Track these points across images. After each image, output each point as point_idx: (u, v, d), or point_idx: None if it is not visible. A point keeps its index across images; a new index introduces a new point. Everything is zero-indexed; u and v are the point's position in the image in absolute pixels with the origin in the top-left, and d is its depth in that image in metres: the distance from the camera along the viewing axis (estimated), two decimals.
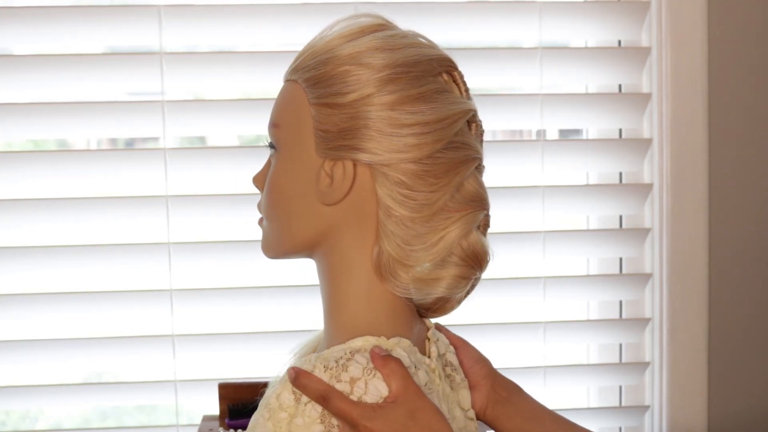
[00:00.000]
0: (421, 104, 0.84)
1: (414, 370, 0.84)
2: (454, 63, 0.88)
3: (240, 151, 1.40)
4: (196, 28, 1.38)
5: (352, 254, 0.86)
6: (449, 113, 0.85)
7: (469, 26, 1.42)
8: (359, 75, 0.84)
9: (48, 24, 1.35)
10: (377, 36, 0.86)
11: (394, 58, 0.84)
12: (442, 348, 0.94)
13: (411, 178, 0.84)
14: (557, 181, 1.47)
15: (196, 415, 1.44)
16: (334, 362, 0.81)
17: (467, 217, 0.87)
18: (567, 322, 1.49)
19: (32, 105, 1.37)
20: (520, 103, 1.45)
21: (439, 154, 0.84)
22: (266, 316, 1.44)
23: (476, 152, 0.87)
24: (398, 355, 0.83)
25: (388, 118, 0.83)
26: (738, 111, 1.46)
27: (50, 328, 1.44)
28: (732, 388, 1.50)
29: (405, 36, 0.88)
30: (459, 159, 0.85)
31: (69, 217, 1.38)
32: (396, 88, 0.83)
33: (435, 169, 0.84)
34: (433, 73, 0.86)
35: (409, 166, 0.84)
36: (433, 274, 0.85)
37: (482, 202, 0.88)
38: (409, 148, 0.83)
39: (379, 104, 0.83)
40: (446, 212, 0.85)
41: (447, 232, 0.86)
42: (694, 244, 1.45)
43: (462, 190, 0.86)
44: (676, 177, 1.45)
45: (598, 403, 1.55)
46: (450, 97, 0.86)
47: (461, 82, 0.88)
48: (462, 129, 0.86)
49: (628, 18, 1.45)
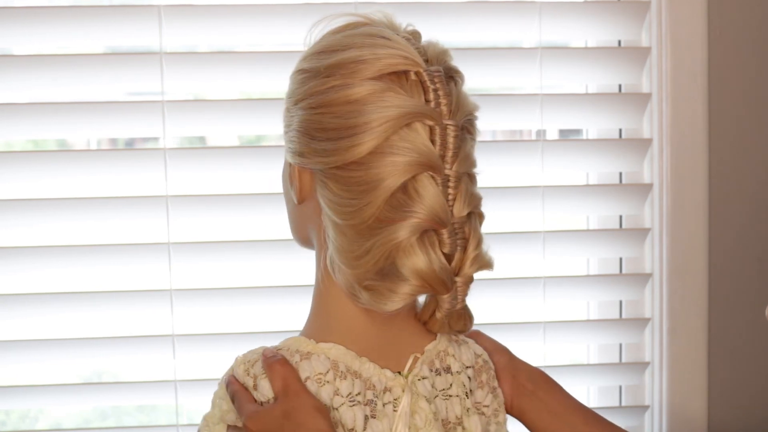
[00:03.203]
0: (350, 107, 0.80)
1: (330, 378, 0.84)
2: (416, 62, 0.82)
3: (240, 151, 1.40)
4: (196, 28, 1.38)
5: (319, 255, 0.89)
6: (375, 117, 0.80)
7: (469, 26, 1.42)
8: (300, 78, 0.86)
9: (48, 24, 1.35)
10: (327, 38, 0.86)
11: (330, 61, 0.83)
12: (455, 366, 0.90)
13: (337, 185, 0.82)
14: (557, 181, 1.47)
15: (196, 415, 1.44)
16: (250, 359, 0.87)
17: (391, 229, 0.80)
18: (567, 322, 1.49)
19: (32, 105, 1.37)
20: (520, 103, 1.45)
21: (364, 160, 0.80)
22: (266, 316, 1.44)
23: (416, 158, 0.80)
24: (318, 361, 0.85)
25: (315, 122, 0.83)
26: (738, 111, 1.46)
27: (50, 328, 1.44)
28: (732, 388, 1.50)
29: (361, 35, 0.84)
30: (385, 165, 0.80)
31: (69, 217, 1.38)
32: (325, 90, 0.82)
33: (360, 174, 0.81)
34: (374, 74, 0.81)
35: (335, 171, 0.82)
36: (385, 287, 0.81)
37: (414, 213, 0.80)
38: (331, 152, 0.81)
39: (308, 108, 0.83)
40: (381, 222, 0.81)
41: (374, 243, 0.81)
42: (694, 244, 1.46)
43: (400, 199, 0.81)
44: (676, 177, 1.45)
45: (598, 403, 1.55)
46: (390, 99, 0.80)
47: (429, 82, 0.82)
48: (402, 134, 0.80)
49: (628, 18, 1.45)
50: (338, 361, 0.85)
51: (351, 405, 0.84)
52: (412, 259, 0.80)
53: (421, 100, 0.82)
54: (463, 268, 0.85)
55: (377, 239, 0.80)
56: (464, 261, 0.85)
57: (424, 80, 0.82)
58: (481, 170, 0.89)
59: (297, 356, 0.86)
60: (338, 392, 0.85)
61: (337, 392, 0.85)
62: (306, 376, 0.85)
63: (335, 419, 0.84)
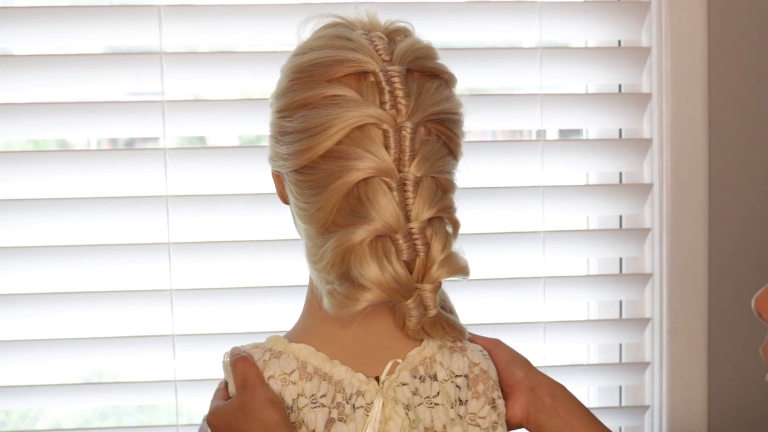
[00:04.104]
0: (305, 111, 0.80)
1: (295, 378, 0.85)
2: (370, 62, 0.80)
3: (240, 151, 1.40)
4: (196, 28, 1.38)
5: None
6: (325, 120, 0.79)
7: (469, 26, 1.42)
8: (277, 80, 0.87)
9: (48, 24, 1.35)
10: (306, 40, 0.87)
11: (295, 63, 0.84)
12: (441, 374, 0.88)
13: (295, 188, 0.83)
14: (557, 181, 1.47)
15: (196, 415, 1.44)
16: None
17: (343, 233, 0.79)
18: (567, 322, 1.49)
19: (32, 105, 1.37)
20: (520, 103, 1.44)
21: (316, 164, 0.80)
22: (266, 316, 1.44)
23: (365, 162, 0.79)
24: (286, 361, 0.86)
25: (278, 126, 0.84)
26: (738, 111, 1.46)
27: (50, 328, 1.44)
28: (732, 388, 1.50)
29: (325, 37, 0.84)
30: (335, 169, 0.79)
31: (69, 217, 1.38)
32: (286, 93, 0.83)
33: (312, 179, 0.81)
34: (331, 77, 0.80)
35: (294, 175, 0.83)
36: (343, 293, 0.81)
37: (364, 218, 0.79)
38: (288, 156, 0.82)
39: (275, 111, 0.85)
40: (336, 226, 0.81)
41: (329, 246, 0.80)
42: (694, 244, 1.45)
43: (352, 203, 0.80)
44: (676, 177, 1.45)
45: (598, 403, 1.55)
46: (341, 103, 0.79)
47: (385, 83, 0.80)
48: (354, 137, 0.79)
49: (628, 18, 1.45)
50: (307, 362, 0.86)
51: (313, 407, 0.85)
52: (364, 267, 0.79)
53: (375, 103, 0.80)
54: (427, 274, 0.82)
55: (330, 243, 0.80)
56: (428, 267, 0.82)
57: (380, 81, 0.80)
58: (480, 170, 0.87)
59: (267, 354, 0.88)
60: (302, 393, 0.85)
61: (301, 393, 0.85)
62: (270, 374, 0.86)
63: (299, 419, 0.85)
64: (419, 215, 0.80)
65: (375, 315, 0.85)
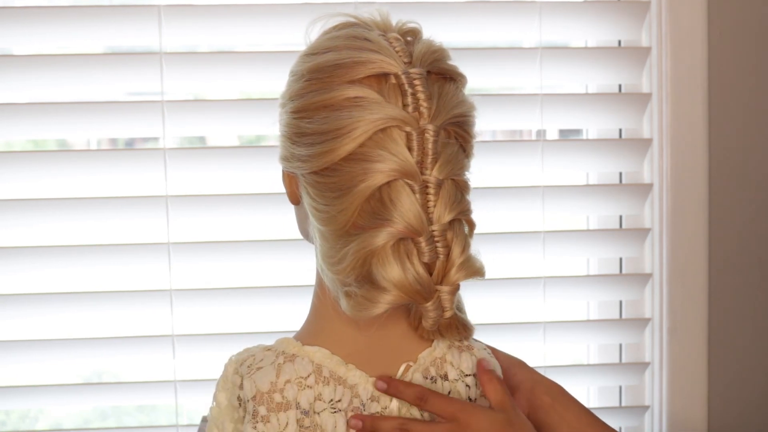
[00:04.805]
0: (326, 112, 0.79)
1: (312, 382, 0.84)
2: (393, 65, 0.80)
3: (240, 151, 1.40)
4: (196, 28, 1.38)
5: (316, 256, 0.88)
6: (348, 123, 0.78)
7: (469, 26, 1.42)
8: (288, 81, 0.86)
9: (48, 24, 1.35)
10: (317, 39, 0.86)
11: (313, 64, 0.82)
12: (452, 374, 0.88)
13: (314, 190, 0.82)
14: (557, 181, 1.47)
15: (196, 415, 1.44)
16: (240, 358, 0.88)
17: (366, 236, 0.79)
18: (567, 322, 1.49)
19: (32, 105, 1.37)
20: (520, 103, 1.45)
21: (338, 166, 0.79)
22: (266, 316, 1.44)
23: (389, 165, 0.78)
24: (301, 365, 0.85)
25: (295, 126, 0.83)
26: (738, 111, 1.46)
27: (50, 328, 1.44)
28: (732, 388, 1.50)
29: (343, 38, 0.83)
30: (358, 172, 0.79)
31: (69, 217, 1.38)
32: (304, 94, 0.82)
33: (334, 181, 0.80)
34: (352, 78, 0.80)
35: (312, 177, 0.82)
36: (363, 295, 0.80)
37: (388, 221, 0.78)
38: (307, 158, 0.81)
39: (291, 112, 0.83)
40: (357, 228, 0.80)
41: (349, 249, 0.79)
42: (694, 244, 1.45)
43: (375, 206, 0.79)
44: (676, 177, 1.45)
45: (598, 403, 1.55)
46: (364, 105, 0.79)
47: (407, 85, 0.80)
48: (377, 139, 0.79)
49: (628, 18, 1.45)
50: (322, 366, 0.85)
51: (333, 412, 0.84)
52: (387, 269, 0.78)
53: (398, 105, 0.80)
54: (447, 276, 0.82)
55: (352, 246, 0.79)
56: (448, 269, 0.81)
57: (402, 83, 0.80)
58: (480, 170, 0.87)
59: (281, 358, 0.85)
60: (320, 397, 0.84)
61: (318, 397, 0.84)
62: (287, 378, 0.84)
63: (314, 423, 0.83)
64: (441, 218, 0.80)
65: (391, 317, 0.84)
